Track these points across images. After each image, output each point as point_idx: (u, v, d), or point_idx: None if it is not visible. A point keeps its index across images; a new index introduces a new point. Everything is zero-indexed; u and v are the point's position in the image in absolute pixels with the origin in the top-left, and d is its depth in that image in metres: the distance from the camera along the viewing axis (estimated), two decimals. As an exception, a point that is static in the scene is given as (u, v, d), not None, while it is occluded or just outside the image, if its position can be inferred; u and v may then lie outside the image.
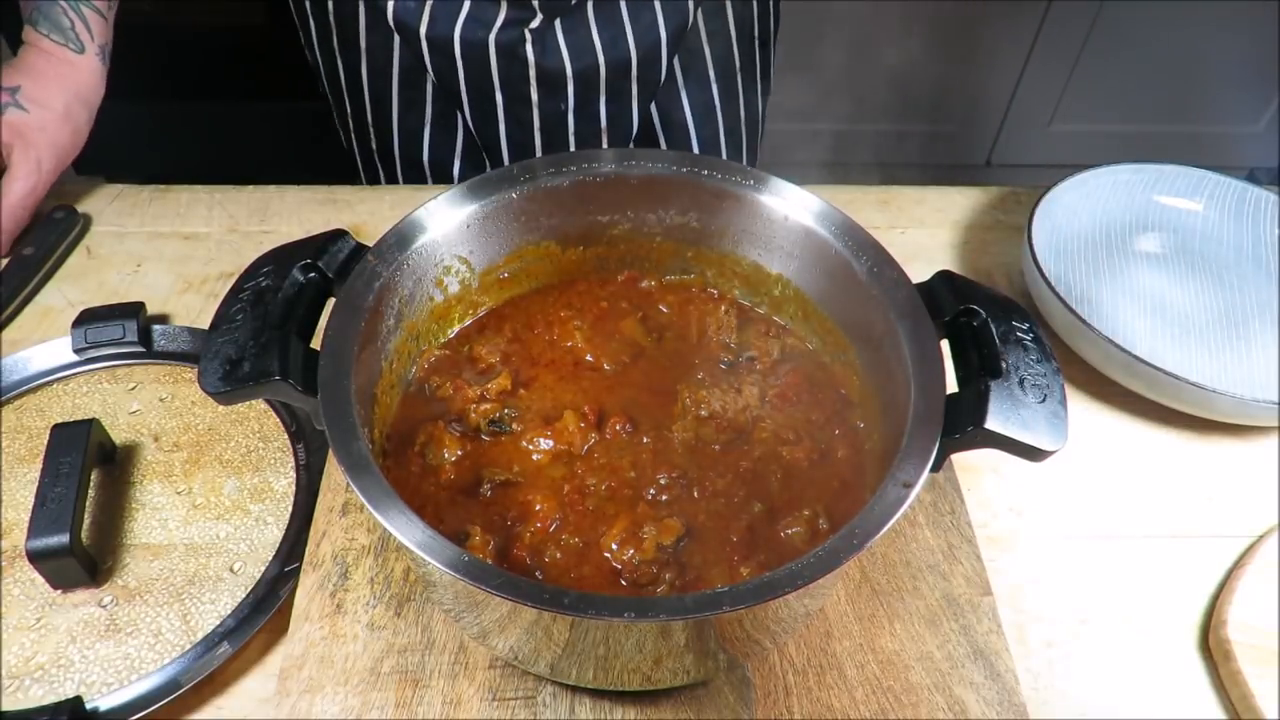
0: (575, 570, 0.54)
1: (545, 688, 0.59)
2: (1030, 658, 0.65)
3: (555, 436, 0.60)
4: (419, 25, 0.94)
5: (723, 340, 0.67)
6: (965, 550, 0.67)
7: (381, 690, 0.59)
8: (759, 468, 0.60)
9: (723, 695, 0.60)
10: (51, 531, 0.61)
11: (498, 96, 0.99)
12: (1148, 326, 0.86)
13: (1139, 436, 0.80)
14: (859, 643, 0.62)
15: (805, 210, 0.63)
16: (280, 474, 0.71)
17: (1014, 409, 0.49)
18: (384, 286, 0.58)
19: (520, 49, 0.94)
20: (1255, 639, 0.65)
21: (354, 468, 0.47)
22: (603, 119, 1.01)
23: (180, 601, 0.63)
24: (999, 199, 1.03)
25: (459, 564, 0.44)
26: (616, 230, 0.68)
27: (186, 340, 0.80)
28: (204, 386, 0.49)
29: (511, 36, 0.94)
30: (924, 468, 0.48)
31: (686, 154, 0.65)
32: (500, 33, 0.94)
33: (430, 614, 0.62)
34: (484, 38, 0.94)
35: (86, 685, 0.59)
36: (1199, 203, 0.96)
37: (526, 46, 0.94)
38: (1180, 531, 0.73)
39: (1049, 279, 0.82)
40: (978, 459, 0.76)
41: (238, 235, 0.94)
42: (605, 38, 0.95)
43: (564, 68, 0.96)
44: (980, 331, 0.54)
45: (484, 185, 0.63)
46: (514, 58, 0.95)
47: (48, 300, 0.87)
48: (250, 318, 0.52)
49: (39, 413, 0.75)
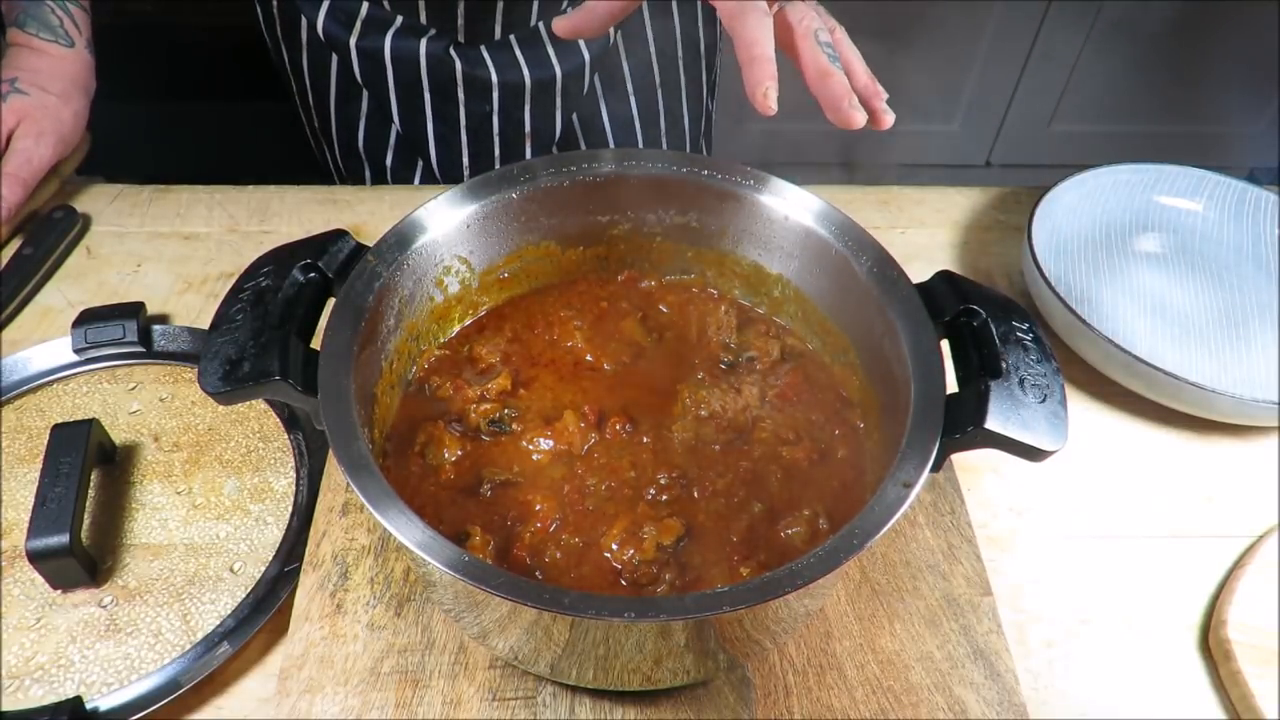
0: (575, 570, 0.54)
1: (545, 688, 0.59)
2: (1030, 658, 0.65)
3: (555, 436, 0.60)
4: (349, 37, 0.98)
5: (723, 340, 0.67)
6: (965, 550, 0.67)
7: (381, 690, 0.59)
8: (759, 468, 0.60)
9: (723, 695, 0.60)
10: (51, 531, 0.61)
11: (426, 96, 1.02)
12: (1148, 326, 0.86)
13: (1139, 436, 0.80)
14: (859, 643, 0.62)
15: (805, 210, 0.63)
16: (280, 474, 0.71)
17: (1014, 409, 0.49)
18: (384, 286, 0.58)
19: (448, 57, 0.98)
20: (1255, 639, 0.65)
21: (354, 468, 0.47)
22: (527, 125, 1.05)
23: (180, 601, 0.63)
24: (999, 199, 1.03)
25: (459, 564, 0.44)
26: (616, 230, 0.68)
27: (186, 340, 0.80)
28: (204, 386, 0.49)
29: (440, 46, 0.98)
30: (924, 468, 0.48)
31: (686, 154, 0.65)
32: (431, 42, 0.98)
33: (430, 614, 0.62)
34: (415, 47, 0.98)
35: (86, 685, 0.59)
36: (1199, 203, 0.96)
37: (453, 56, 0.98)
38: (1180, 531, 0.73)
39: (1049, 279, 0.82)
40: (978, 459, 0.76)
41: (238, 235, 0.94)
42: (530, 59, 1.00)
43: (490, 78, 1.00)
44: (980, 331, 0.54)
45: (484, 185, 0.63)
46: (442, 63, 0.99)
47: (48, 300, 0.87)
48: (250, 318, 0.52)
49: (39, 413, 0.75)
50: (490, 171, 0.63)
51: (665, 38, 1.09)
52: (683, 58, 1.12)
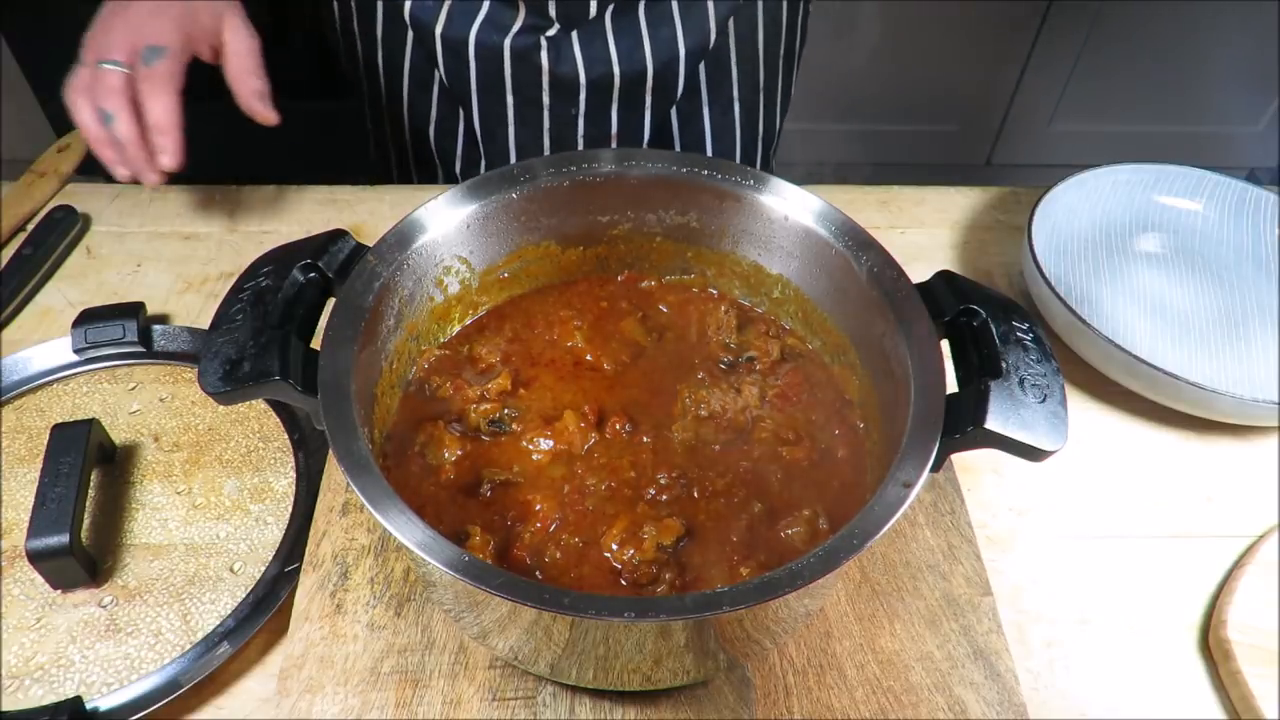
0: (575, 570, 0.54)
1: (545, 688, 0.59)
2: (1030, 658, 0.65)
3: (555, 436, 0.60)
4: (435, 24, 0.94)
5: (723, 340, 0.67)
6: (965, 550, 0.67)
7: (381, 690, 0.59)
8: (759, 468, 0.60)
9: (723, 695, 0.60)
10: (51, 531, 0.61)
11: (509, 99, 0.98)
12: (1148, 326, 0.86)
13: (1139, 436, 0.80)
14: (859, 643, 0.62)
15: (805, 210, 0.63)
16: (280, 474, 0.71)
17: (1014, 409, 0.49)
18: (384, 286, 0.58)
19: (534, 55, 0.94)
20: (1255, 639, 0.65)
21: (354, 468, 0.47)
22: (614, 125, 1.01)
23: (180, 601, 0.63)
24: (999, 199, 1.02)
25: (459, 564, 0.44)
26: (616, 230, 0.68)
27: (186, 340, 0.80)
28: (204, 386, 0.49)
29: (527, 42, 0.93)
30: (924, 468, 0.48)
31: (686, 154, 0.65)
32: (516, 38, 0.93)
33: (430, 614, 0.62)
34: (499, 41, 0.93)
35: (86, 685, 0.59)
36: (1199, 203, 0.95)
37: (541, 53, 0.94)
38: (1180, 531, 0.73)
39: (1049, 279, 0.82)
40: (978, 459, 0.76)
41: (238, 235, 0.94)
42: (622, 49, 0.95)
43: (578, 75, 0.95)
44: (980, 331, 0.54)
45: (484, 185, 0.63)
46: (527, 62, 0.95)
47: (48, 300, 0.87)
48: (250, 318, 0.52)
49: (39, 413, 0.75)
50: (490, 171, 0.63)
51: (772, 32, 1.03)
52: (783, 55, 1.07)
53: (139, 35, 0.81)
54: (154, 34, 0.81)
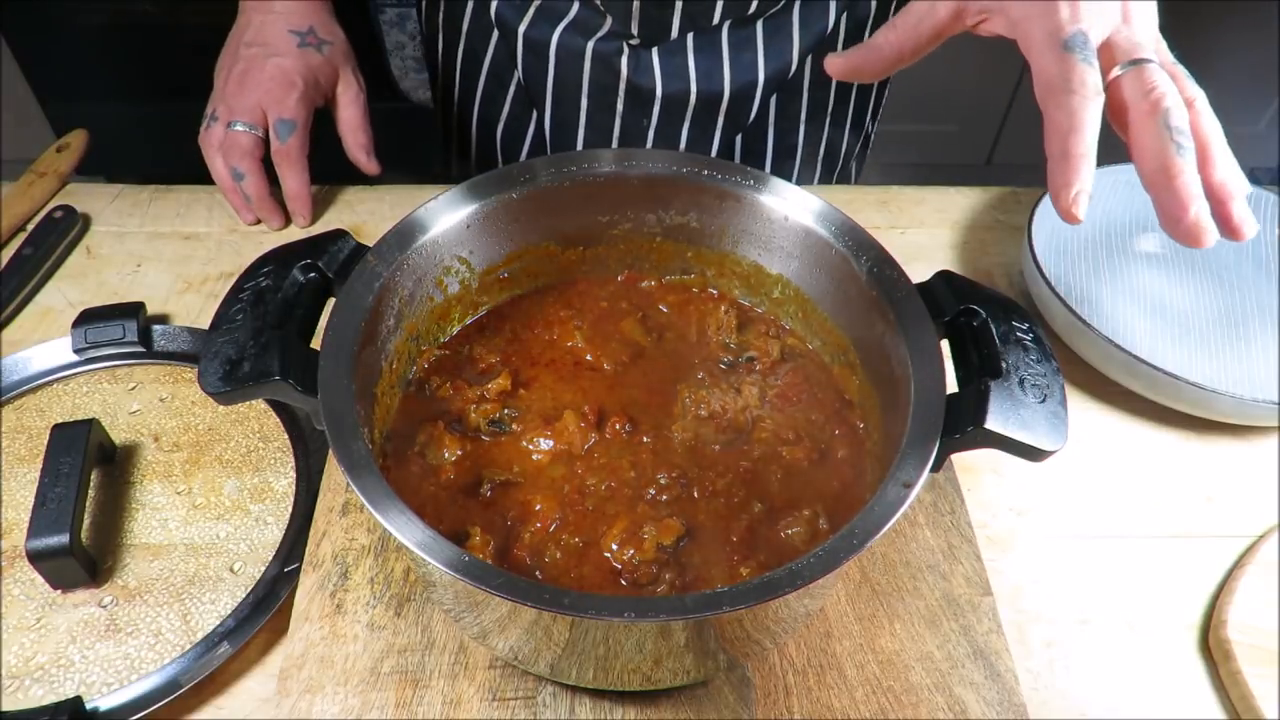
0: (575, 570, 0.54)
1: (545, 688, 0.59)
2: (1030, 658, 0.65)
3: (555, 436, 0.60)
4: (519, 23, 0.95)
5: (723, 340, 0.67)
6: (965, 550, 0.67)
7: (381, 690, 0.59)
8: (759, 468, 0.60)
9: (723, 695, 0.60)
10: (51, 531, 0.61)
11: (583, 102, 0.98)
12: (1148, 326, 0.86)
13: (1139, 436, 0.80)
14: (859, 643, 0.62)
15: (805, 210, 0.63)
16: (280, 474, 0.71)
17: (1014, 409, 0.49)
18: (384, 286, 0.58)
19: (615, 60, 0.94)
20: (1255, 639, 0.65)
21: (354, 468, 0.47)
22: (682, 142, 1.01)
23: (180, 601, 0.63)
24: (999, 199, 1.03)
25: (459, 564, 0.44)
26: (616, 230, 0.68)
27: (186, 340, 0.80)
28: (204, 386, 0.49)
29: (609, 48, 0.94)
30: (924, 468, 0.48)
31: (687, 154, 0.65)
32: (599, 42, 0.94)
33: (430, 614, 0.62)
34: (582, 45, 0.94)
35: (86, 685, 0.59)
36: (1199, 203, 0.95)
37: (622, 59, 0.94)
38: (1180, 531, 0.73)
39: (1049, 279, 0.82)
40: (978, 459, 0.76)
41: (238, 235, 0.94)
42: (701, 69, 0.94)
43: (655, 87, 0.95)
44: (980, 331, 0.54)
45: (484, 185, 0.63)
46: (607, 67, 0.95)
47: (48, 300, 0.87)
48: (250, 318, 0.52)
49: (39, 413, 0.75)
50: (490, 171, 0.64)
51: None
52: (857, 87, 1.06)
53: (270, 105, 0.90)
54: (285, 108, 0.90)
